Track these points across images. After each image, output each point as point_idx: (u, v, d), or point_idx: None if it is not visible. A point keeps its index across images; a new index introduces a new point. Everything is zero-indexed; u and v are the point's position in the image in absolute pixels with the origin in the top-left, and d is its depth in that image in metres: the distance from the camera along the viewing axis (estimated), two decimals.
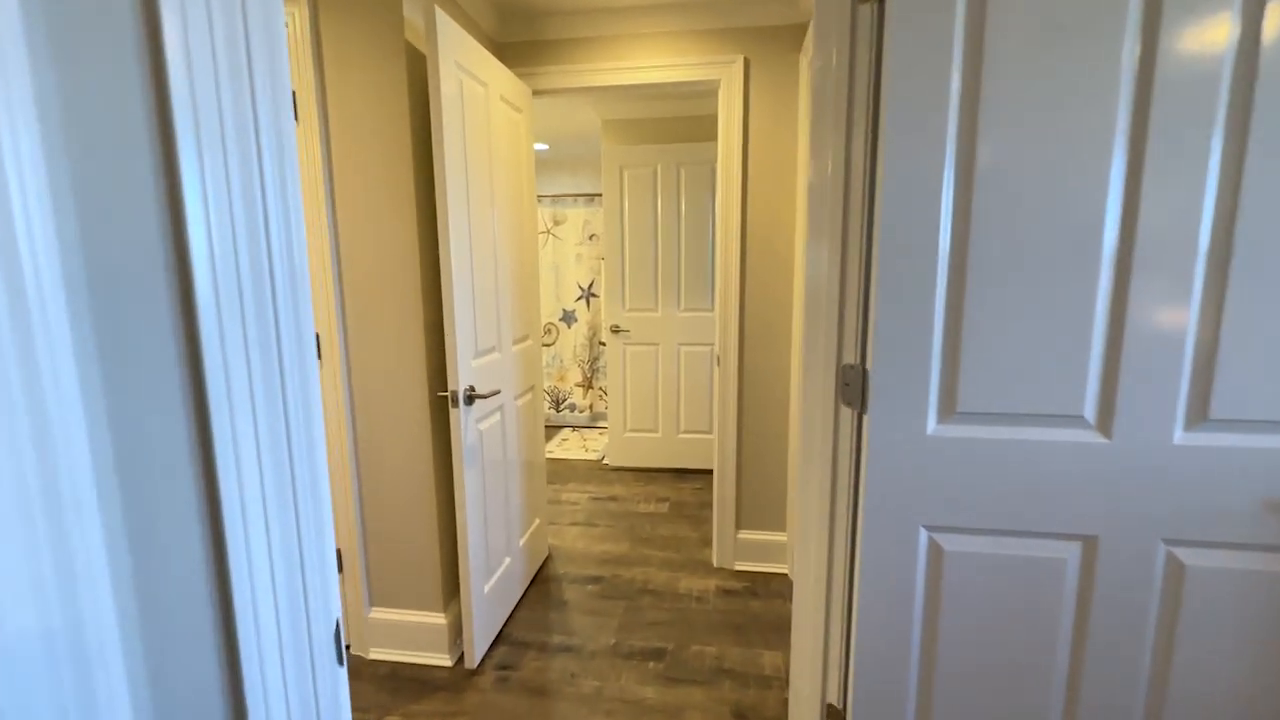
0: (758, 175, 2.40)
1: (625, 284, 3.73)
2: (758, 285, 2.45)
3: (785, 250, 2.42)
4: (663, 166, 3.58)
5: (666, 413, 3.82)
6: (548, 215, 4.73)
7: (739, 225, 2.41)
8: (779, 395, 2.51)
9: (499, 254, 2.10)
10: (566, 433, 4.76)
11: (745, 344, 2.49)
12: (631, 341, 3.76)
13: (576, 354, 4.83)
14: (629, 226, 3.66)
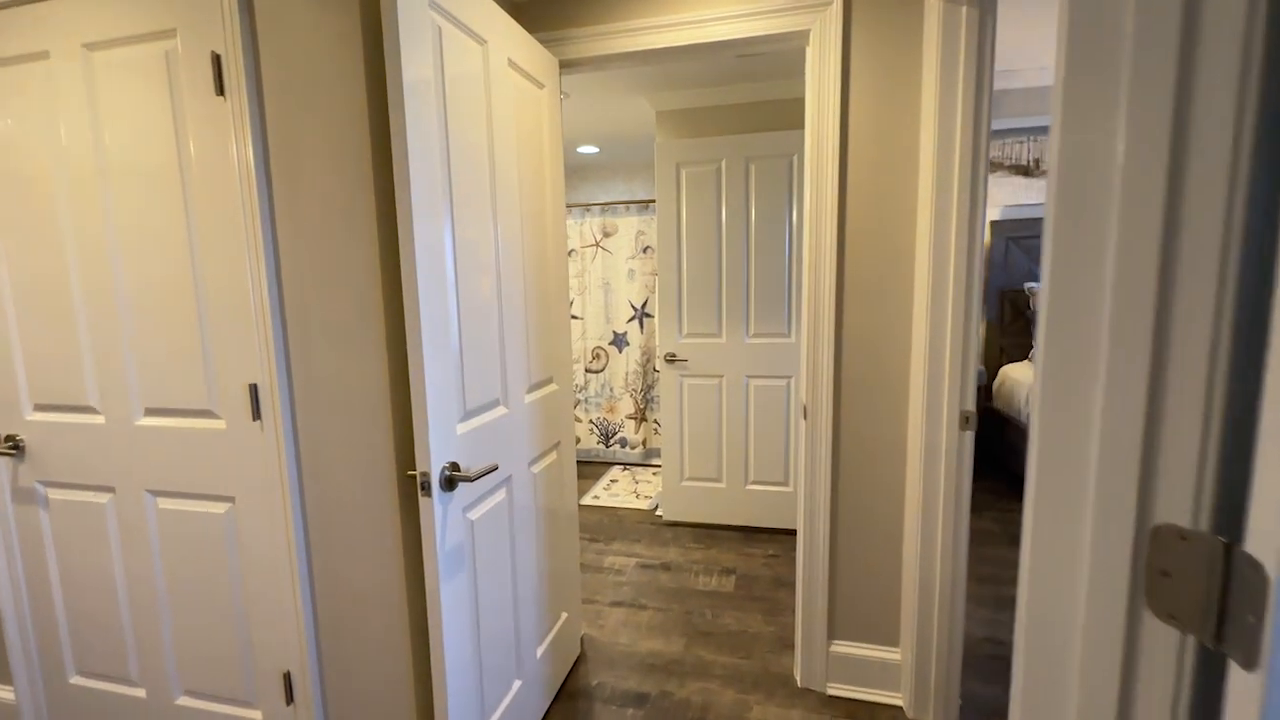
0: (861, 165, 1.74)
1: (682, 305, 3.12)
2: (861, 314, 1.79)
3: (901, 267, 1.75)
4: (728, 162, 2.96)
5: (733, 460, 3.16)
6: (597, 226, 4.20)
7: (834, 234, 1.76)
8: (891, 466, 1.82)
9: (505, 278, 1.54)
10: (616, 472, 4.18)
11: (843, 394, 1.82)
12: (690, 373, 3.14)
13: (629, 382, 4.26)
14: (687, 235, 3.06)
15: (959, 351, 1.65)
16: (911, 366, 1.76)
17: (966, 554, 1.74)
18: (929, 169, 1.65)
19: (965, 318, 1.64)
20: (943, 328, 1.65)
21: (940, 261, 1.64)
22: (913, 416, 1.76)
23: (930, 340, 1.67)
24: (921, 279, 1.69)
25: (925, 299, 1.67)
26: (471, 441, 1.39)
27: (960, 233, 1.61)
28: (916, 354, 1.73)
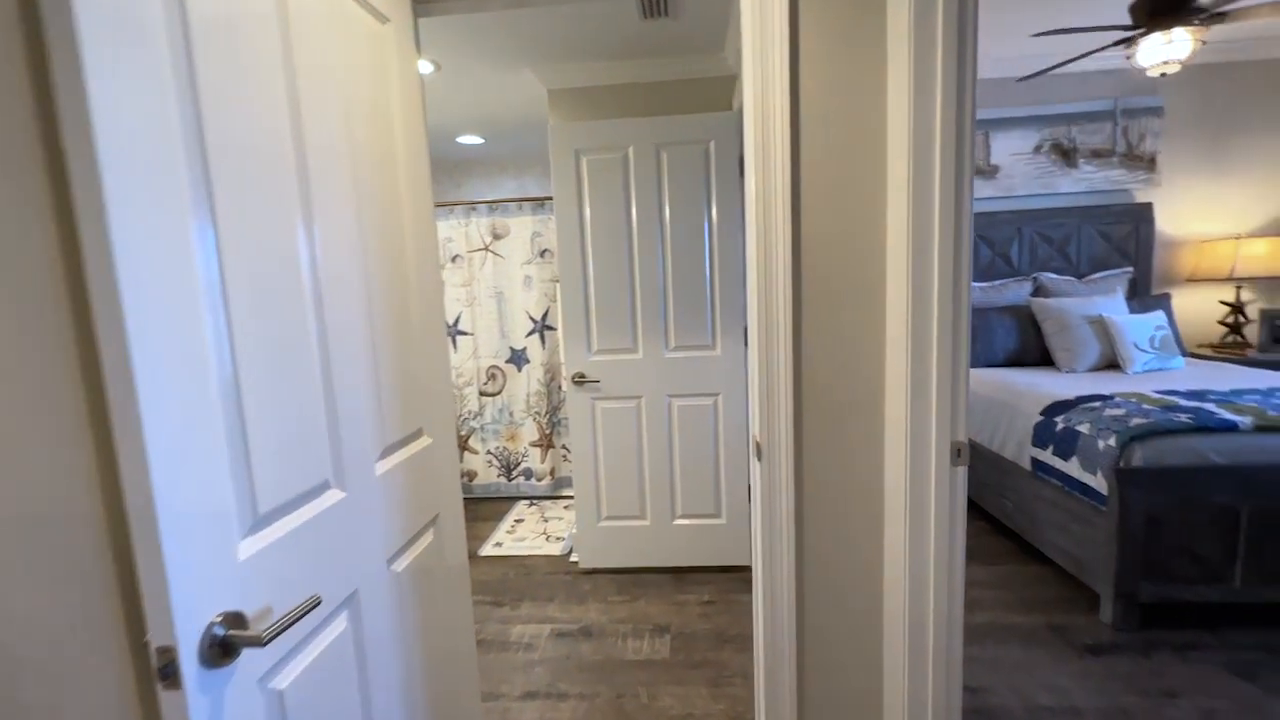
0: (816, 150, 1.37)
1: (590, 317, 2.66)
2: (823, 329, 1.42)
3: (870, 270, 1.40)
4: (637, 149, 2.55)
5: (657, 492, 2.74)
6: (485, 227, 3.64)
7: (787, 231, 1.38)
8: (866, 515, 1.46)
9: (330, 302, 1.01)
10: (521, 509, 3.64)
11: (804, 427, 1.45)
12: (603, 396, 2.69)
13: (531, 405, 3.73)
14: (592, 236, 2.61)
15: (948, 370, 1.32)
16: (888, 391, 1.41)
17: (962, 616, 1.42)
18: (902, 155, 1.31)
19: (954, 330, 1.31)
20: (927, 342, 1.32)
21: (922, 262, 1.30)
22: (891, 452, 1.42)
23: (912, 357, 1.33)
24: (897, 284, 1.34)
25: (904, 308, 1.32)
26: (273, 563, 0.84)
27: (945, 225, 1.28)
28: (894, 374, 1.38)
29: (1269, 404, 2.35)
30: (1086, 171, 4.00)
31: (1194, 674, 1.94)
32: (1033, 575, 2.60)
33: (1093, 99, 3.95)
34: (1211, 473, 2.11)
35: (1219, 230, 3.99)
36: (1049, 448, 2.56)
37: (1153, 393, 2.62)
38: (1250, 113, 3.89)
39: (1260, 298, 3.99)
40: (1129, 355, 3.28)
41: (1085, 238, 3.99)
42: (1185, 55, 2.63)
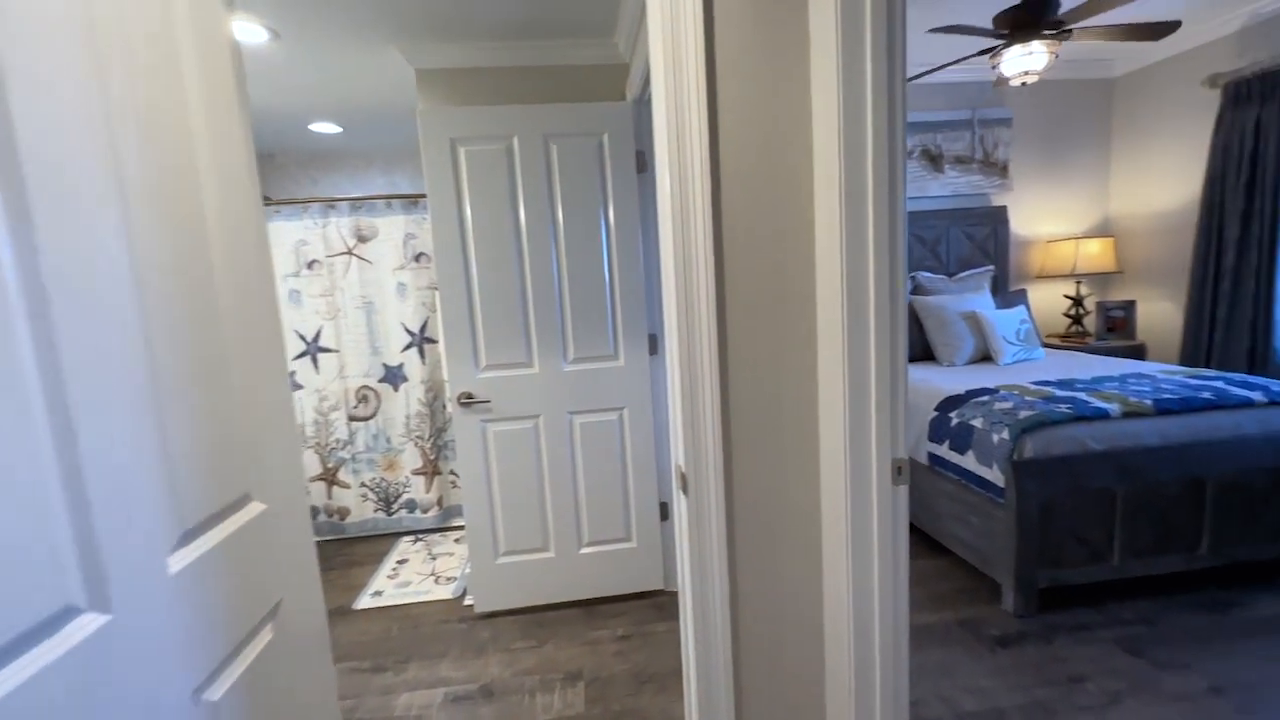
0: (734, 144, 1.20)
1: (477, 329, 2.35)
2: (751, 341, 1.25)
3: (798, 274, 1.25)
4: (523, 140, 2.27)
5: (561, 520, 2.48)
6: (348, 228, 3.17)
7: (708, 230, 1.19)
8: (804, 546, 1.31)
9: (67, 336, 0.66)
10: (405, 547, 3.21)
11: (734, 452, 1.27)
12: (495, 417, 2.38)
13: (412, 428, 3.31)
14: (475, 238, 2.30)
15: (887, 381, 1.20)
16: (823, 407, 1.27)
17: (908, 647, 1.31)
18: (831, 150, 1.17)
19: (893, 338, 1.19)
20: (864, 353, 1.19)
21: (856, 266, 1.17)
22: (829, 474, 1.28)
23: (849, 370, 1.19)
24: (830, 290, 1.20)
25: (838, 317, 1.18)
26: None
27: (880, 224, 1.16)
28: (829, 390, 1.24)
29: (1128, 390, 2.54)
30: (952, 176, 4.27)
31: (1092, 655, 2.02)
32: (937, 569, 2.64)
33: (955, 109, 4.21)
34: (1091, 459, 2.22)
35: (1061, 231, 4.42)
36: (945, 443, 2.61)
37: (1029, 384, 2.77)
38: (1080, 127, 4.34)
39: (1095, 292, 4.47)
40: (1000, 348, 3.49)
41: (953, 238, 4.25)
42: (1041, 67, 2.81)
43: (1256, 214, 3.37)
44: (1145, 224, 4.17)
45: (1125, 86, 4.24)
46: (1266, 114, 3.29)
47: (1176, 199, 3.94)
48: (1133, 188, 4.24)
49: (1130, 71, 4.19)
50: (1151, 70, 4.05)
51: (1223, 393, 2.43)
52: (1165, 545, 2.29)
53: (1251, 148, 3.37)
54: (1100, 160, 4.38)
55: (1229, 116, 3.49)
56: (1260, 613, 2.19)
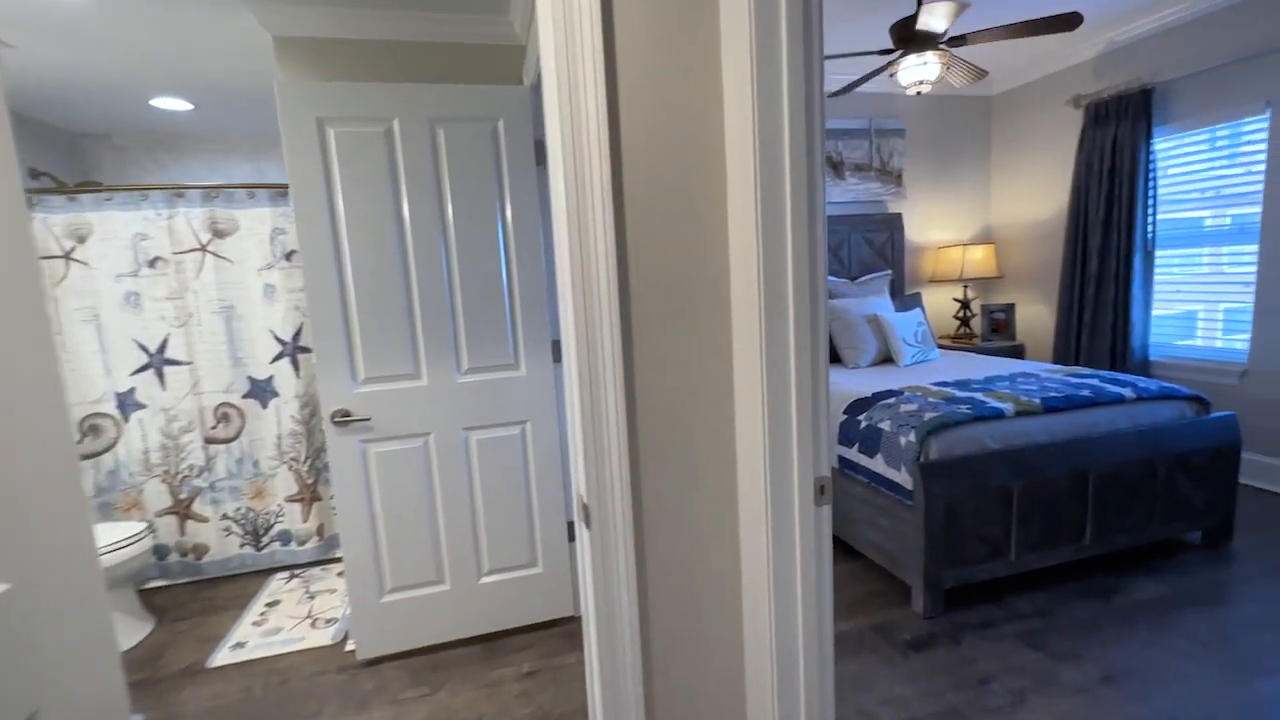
0: (638, 136, 1.05)
1: (353, 338, 2.06)
2: (660, 355, 1.10)
3: (710, 280, 1.11)
4: (405, 122, 2.01)
5: (458, 548, 2.23)
6: (199, 220, 2.74)
7: (609, 228, 1.03)
8: (722, 575, 1.18)
9: None
10: (278, 586, 2.81)
11: (643, 477, 1.11)
12: (378, 436, 2.10)
13: (284, 449, 2.91)
14: (350, 234, 2.01)
15: (808, 393, 1.09)
16: (740, 423, 1.14)
17: (833, 680, 1.21)
18: (746, 147, 1.04)
19: (814, 347, 1.08)
20: (783, 364, 1.07)
21: (774, 267, 1.05)
22: (748, 495, 1.15)
23: (768, 383, 1.07)
24: (746, 295, 1.08)
25: (755, 324, 1.06)
26: None
27: (798, 224, 1.04)
28: (747, 404, 1.11)
29: (1018, 389, 2.65)
30: (852, 183, 4.39)
31: (997, 652, 2.05)
32: (850, 572, 2.63)
33: (854, 118, 4.34)
34: (990, 458, 2.27)
35: (950, 238, 4.67)
36: (855, 446, 2.61)
37: (930, 385, 2.83)
38: (964, 140, 4.61)
39: (980, 295, 4.76)
40: (900, 350, 3.60)
41: (854, 243, 4.37)
42: (934, 76, 2.89)
43: (1115, 224, 3.69)
44: (1022, 232, 4.49)
45: (1001, 104, 4.54)
46: (1122, 132, 3.61)
47: (1048, 209, 4.26)
48: (1010, 198, 4.55)
49: (1006, 90, 4.49)
50: (1024, 90, 4.36)
51: (1099, 390, 2.58)
52: (1056, 538, 2.39)
53: (1110, 163, 3.68)
54: (982, 172, 4.68)
55: (1090, 134, 3.80)
56: (1136, 597, 2.32)
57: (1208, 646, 2.01)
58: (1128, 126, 3.57)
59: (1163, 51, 3.46)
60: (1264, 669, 1.89)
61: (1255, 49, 3.04)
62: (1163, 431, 2.46)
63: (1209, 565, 2.51)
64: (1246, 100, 3.13)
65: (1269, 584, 2.35)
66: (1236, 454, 2.56)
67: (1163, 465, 2.47)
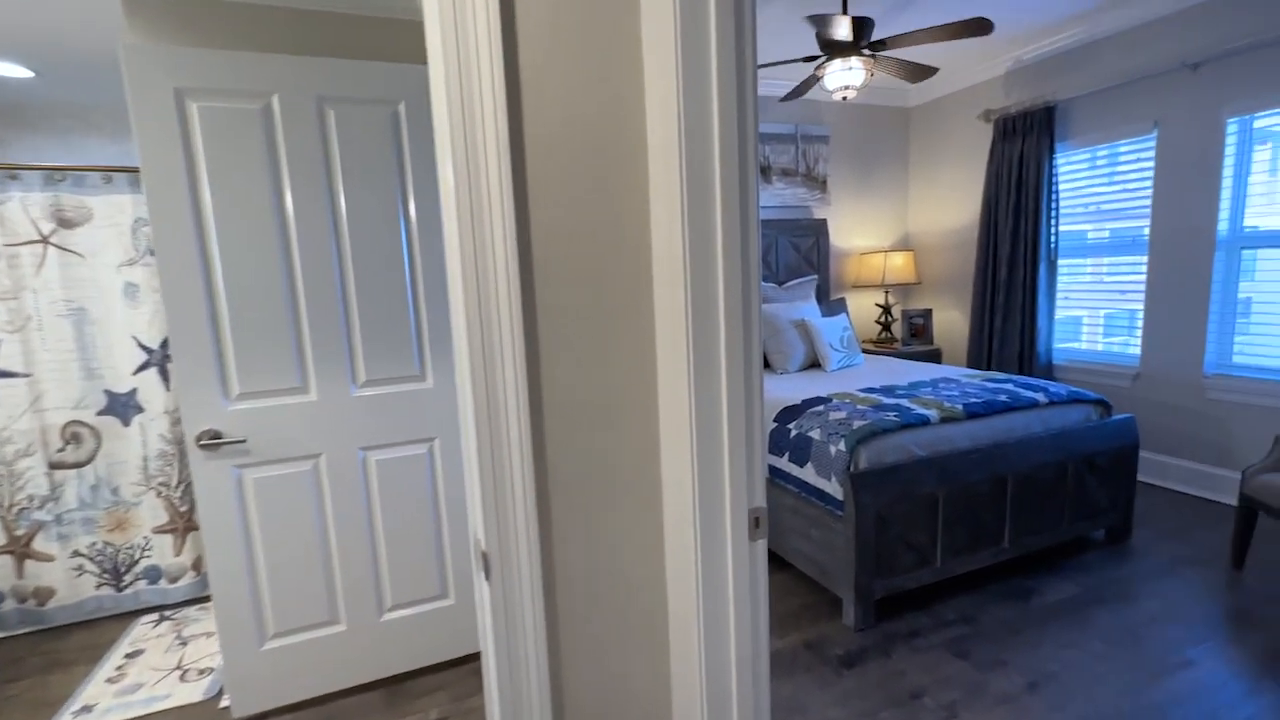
0: (547, 126, 0.89)
1: (224, 346, 1.77)
2: (571, 372, 0.94)
3: (628, 287, 0.97)
4: (286, 100, 1.75)
5: (355, 584, 1.98)
6: (41, 208, 2.33)
7: (509, 227, 0.87)
8: (648, 619, 1.04)
9: None
10: (143, 632, 2.43)
11: (552, 515, 0.95)
12: (255, 460, 1.82)
13: (151, 473, 2.53)
14: (219, 226, 1.73)
15: (741, 415, 0.96)
16: (665, 450, 1.00)
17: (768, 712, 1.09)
18: (671, 141, 0.91)
19: (747, 363, 0.96)
20: (714, 382, 0.94)
21: (702, 277, 0.91)
22: (674, 531, 1.01)
23: (697, 404, 0.94)
24: (672, 305, 0.94)
25: (682, 339, 0.92)
26: None
27: (730, 225, 0.92)
28: (673, 428, 0.98)
29: (941, 395, 2.68)
30: (779, 188, 4.40)
31: (927, 664, 2.02)
32: (782, 584, 2.57)
33: (781, 122, 4.34)
34: (917, 466, 2.26)
35: (872, 245, 4.77)
36: (785, 455, 2.55)
37: (858, 391, 2.82)
38: (884, 149, 4.72)
39: (900, 301, 4.89)
40: (827, 354, 3.61)
41: (782, 248, 4.37)
42: (860, 82, 2.89)
43: (1022, 234, 3.86)
44: (938, 240, 4.64)
45: (918, 115, 4.69)
46: (1027, 146, 3.78)
47: (962, 219, 4.43)
48: (927, 207, 4.71)
49: (922, 103, 4.64)
50: (938, 103, 4.51)
51: (1015, 395, 2.65)
52: (978, 542, 2.41)
53: (1017, 175, 3.85)
54: (901, 181, 4.81)
55: (999, 148, 3.96)
56: (1051, 598, 2.38)
57: (1119, 645, 2.06)
58: (1033, 141, 3.74)
59: (1064, 71, 3.65)
60: (1169, 667, 1.95)
61: (1145, 72, 3.24)
62: (1072, 434, 2.54)
63: (1112, 561, 2.62)
64: (1137, 120, 3.34)
65: (1166, 577, 2.47)
66: (1136, 454, 2.69)
67: (1072, 466, 2.56)
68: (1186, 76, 3.11)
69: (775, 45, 3.54)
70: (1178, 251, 3.23)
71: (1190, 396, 3.23)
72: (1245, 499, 2.44)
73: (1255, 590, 2.36)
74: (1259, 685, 1.84)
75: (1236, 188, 3.03)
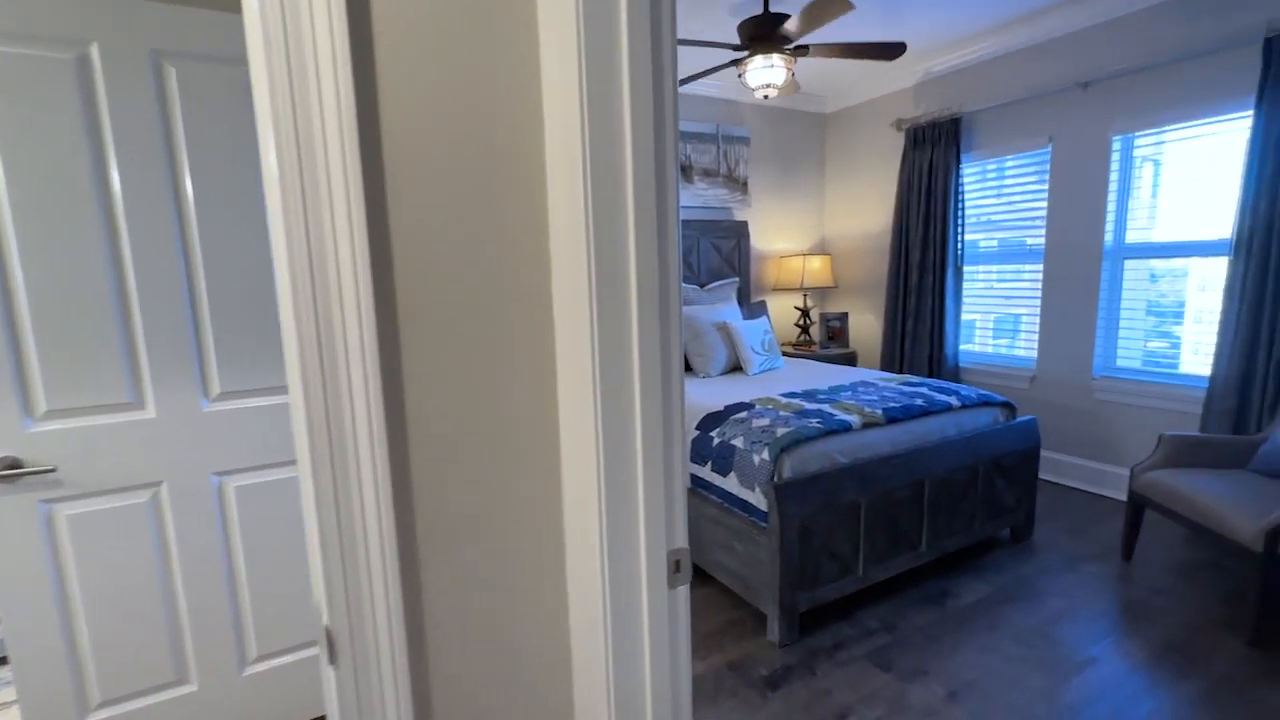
0: (412, 95, 0.69)
1: (24, 354, 1.42)
2: (445, 401, 0.75)
3: (528, 295, 0.78)
4: (111, 52, 1.43)
5: (209, 633, 1.66)
6: None
7: (358, 228, 0.66)
8: (550, 685, 0.86)
9: None
10: None
11: (424, 588, 0.75)
12: (70, 493, 1.48)
13: None
14: (14, 203, 1.38)
15: (656, 448, 0.80)
16: (567, 486, 0.83)
17: None
18: (572, 129, 0.73)
19: (665, 380, 0.80)
20: (625, 405, 0.77)
21: (611, 292, 0.75)
22: (578, 582, 0.84)
23: (604, 432, 0.77)
24: (574, 311, 0.76)
25: (587, 352, 0.75)
26: None
27: (643, 221, 0.75)
28: (576, 459, 0.80)
29: (860, 399, 2.66)
30: (701, 188, 4.32)
31: (851, 679, 1.96)
32: (703, 599, 2.45)
33: (702, 120, 4.27)
34: (840, 474, 2.21)
35: (791, 248, 4.80)
36: (708, 464, 2.44)
37: (780, 396, 2.76)
38: (802, 153, 4.76)
39: (818, 304, 4.96)
40: (748, 358, 3.55)
41: (704, 249, 4.30)
42: (781, 81, 2.84)
43: (932, 240, 3.98)
44: (854, 244, 4.74)
45: (834, 121, 4.77)
46: (936, 156, 3.90)
47: (876, 224, 4.53)
48: (844, 212, 4.79)
49: (838, 110, 4.72)
50: (854, 110, 4.60)
51: (930, 399, 2.67)
52: (897, 548, 2.40)
53: (927, 183, 3.97)
54: (818, 185, 4.87)
55: (911, 156, 4.07)
56: (966, 599, 2.40)
57: (1030, 646, 2.09)
58: (941, 151, 3.86)
59: (970, 85, 3.79)
60: (1077, 665, 1.99)
61: (1042, 89, 3.41)
62: (983, 437, 2.59)
63: (1018, 560, 2.70)
64: (1034, 134, 3.50)
65: (1065, 573, 2.56)
66: (1038, 454, 2.79)
67: (983, 469, 2.61)
68: (1078, 95, 3.29)
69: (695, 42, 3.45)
70: (1069, 261, 3.41)
71: (1081, 397, 3.43)
72: (1134, 495, 2.57)
73: (1143, 582, 2.48)
74: (1154, 679, 1.91)
75: (1120, 202, 3.24)
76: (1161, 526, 2.97)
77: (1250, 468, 2.45)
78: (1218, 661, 1.97)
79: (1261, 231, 2.63)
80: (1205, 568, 2.57)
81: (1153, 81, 2.99)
